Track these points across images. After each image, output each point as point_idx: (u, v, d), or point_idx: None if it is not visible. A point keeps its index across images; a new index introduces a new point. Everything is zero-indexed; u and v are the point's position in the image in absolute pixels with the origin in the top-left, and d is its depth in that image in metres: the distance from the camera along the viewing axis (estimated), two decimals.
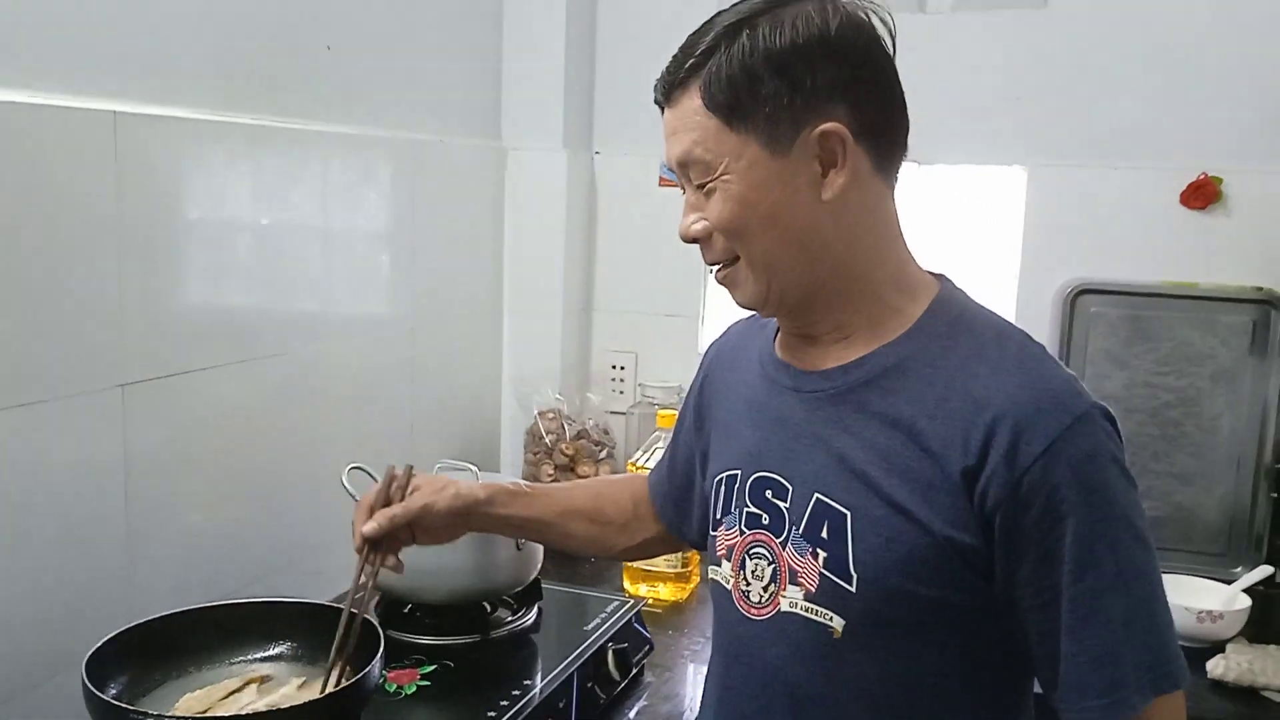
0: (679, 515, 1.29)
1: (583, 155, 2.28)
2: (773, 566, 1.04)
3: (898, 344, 1.00)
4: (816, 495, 1.00)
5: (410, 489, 1.23)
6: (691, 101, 0.98)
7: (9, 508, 1.22)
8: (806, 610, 1.00)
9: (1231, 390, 1.95)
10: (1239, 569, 1.89)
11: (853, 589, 0.97)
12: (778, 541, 1.03)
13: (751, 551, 1.06)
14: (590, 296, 2.35)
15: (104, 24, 1.31)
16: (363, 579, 1.19)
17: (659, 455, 1.86)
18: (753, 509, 1.06)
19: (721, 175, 0.98)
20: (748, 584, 1.06)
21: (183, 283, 1.45)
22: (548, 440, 2.15)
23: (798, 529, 1.01)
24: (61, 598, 1.28)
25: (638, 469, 1.85)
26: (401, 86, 1.91)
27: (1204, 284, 1.96)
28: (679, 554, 1.79)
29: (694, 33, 1.00)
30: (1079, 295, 2.01)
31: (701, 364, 1.27)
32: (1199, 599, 1.70)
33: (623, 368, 2.34)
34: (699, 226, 1.01)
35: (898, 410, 0.97)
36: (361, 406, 1.82)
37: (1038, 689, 1.02)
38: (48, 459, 1.26)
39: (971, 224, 2.13)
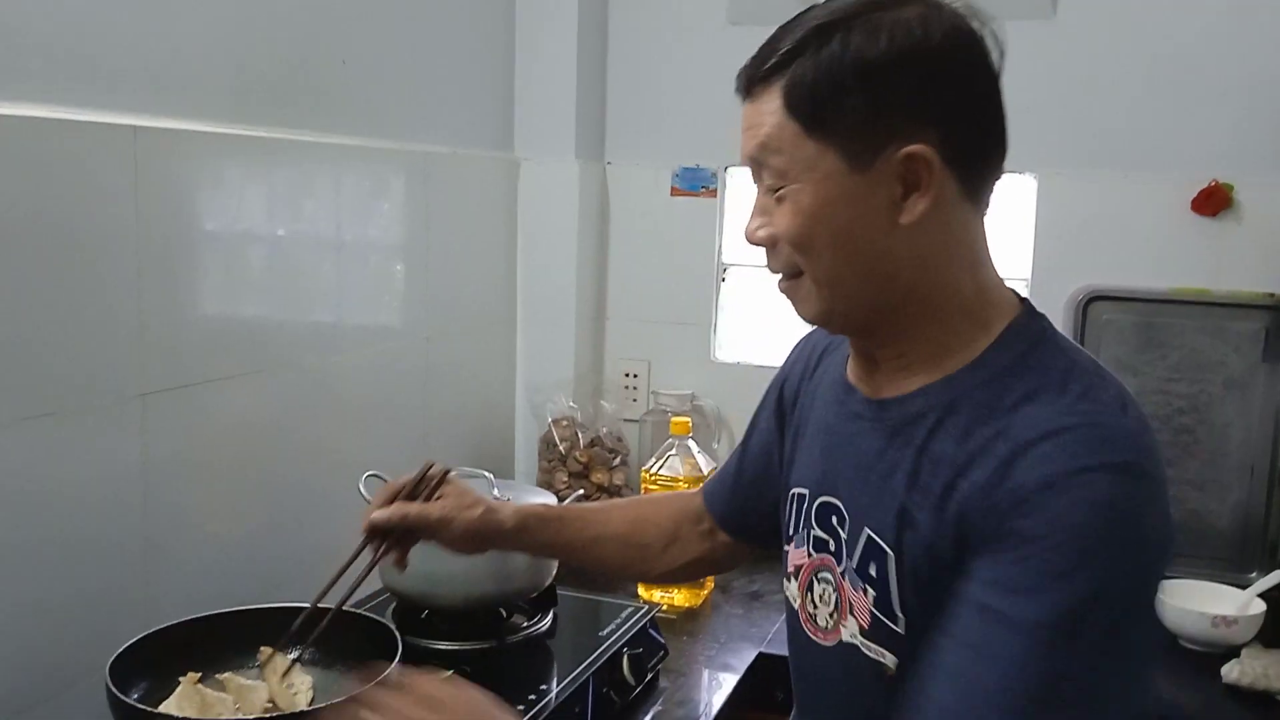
0: (745, 524, 1.25)
1: (595, 165, 2.30)
2: (836, 595, 1.01)
3: (957, 378, 0.93)
4: (867, 531, 0.96)
5: (439, 494, 1.20)
6: (772, 101, 0.91)
7: (30, 517, 1.24)
8: (865, 646, 0.97)
9: (1243, 397, 1.95)
10: (1254, 574, 1.89)
11: (901, 630, 0.93)
12: (839, 570, 1.00)
13: (819, 575, 1.03)
14: (603, 305, 2.37)
15: (124, 41, 1.33)
16: (356, 564, 1.17)
17: (673, 462, 1.88)
18: (819, 533, 1.03)
19: (794, 184, 0.92)
20: (815, 607, 1.04)
21: (201, 294, 1.47)
22: (561, 448, 2.16)
23: (852, 562, 0.98)
24: (81, 606, 1.30)
25: (651, 477, 1.87)
26: (414, 99, 1.93)
27: (1215, 291, 1.96)
28: None
29: (784, 25, 0.93)
30: (1090, 302, 2.01)
31: (784, 363, 1.21)
32: (1213, 604, 1.70)
33: (636, 375, 2.35)
34: (764, 233, 0.96)
35: (944, 450, 0.90)
36: (377, 415, 1.84)
37: None
38: (68, 469, 1.27)
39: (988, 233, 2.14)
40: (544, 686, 1.41)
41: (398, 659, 1.17)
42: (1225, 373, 1.96)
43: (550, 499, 1.62)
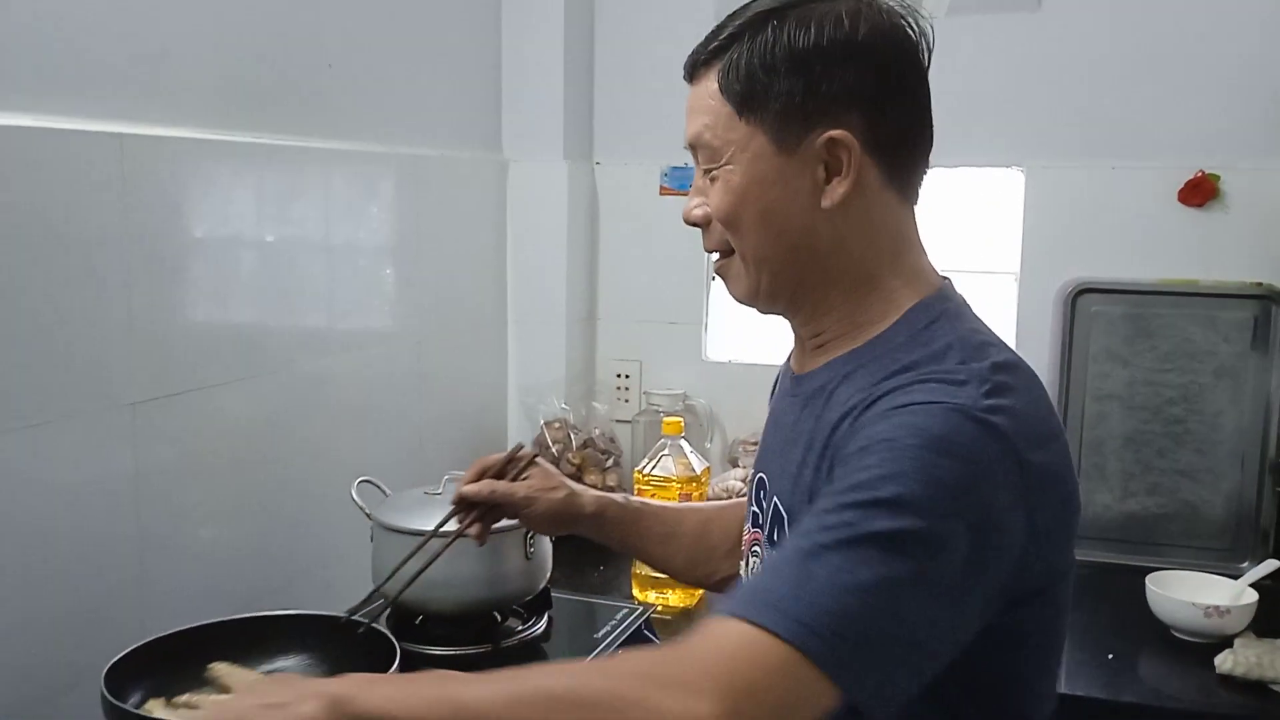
0: None
1: (583, 166, 2.30)
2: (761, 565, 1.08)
3: (859, 351, 0.98)
4: (775, 499, 1.03)
5: (525, 475, 1.26)
6: (710, 84, 0.98)
7: (23, 527, 1.23)
8: None
9: (1234, 386, 1.96)
10: (1245, 564, 1.89)
11: None
12: (764, 540, 1.07)
13: (753, 549, 1.10)
14: (594, 306, 2.37)
15: (108, 49, 1.32)
16: (445, 528, 1.24)
17: (666, 462, 1.88)
18: (755, 508, 1.10)
19: (725, 163, 0.97)
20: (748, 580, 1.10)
21: (190, 301, 1.47)
22: (554, 450, 2.16)
23: (764, 532, 1.05)
24: (76, 614, 1.30)
25: (644, 478, 1.86)
26: (402, 102, 1.93)
27: (1204, 281, 1.97)
28: None
29: (730, 14, 0.99)
30: (1080, 295, 2.02)
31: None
32: (1206, 595, 1.71)
33: (627, 376, 2.35)
34: (699, 212, 1.02)
35: (833, 415, 0.94)
36: (369, 419, 1.84)
37: None
38: (60, 478, 1.27)
39: (971, 227, 2.14)
40: None
41: (395, 666, 1.16)
42: (1215, 362, 1.96)
43: None
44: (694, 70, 1.01)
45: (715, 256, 1.05)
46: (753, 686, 0.76)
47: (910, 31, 0.96)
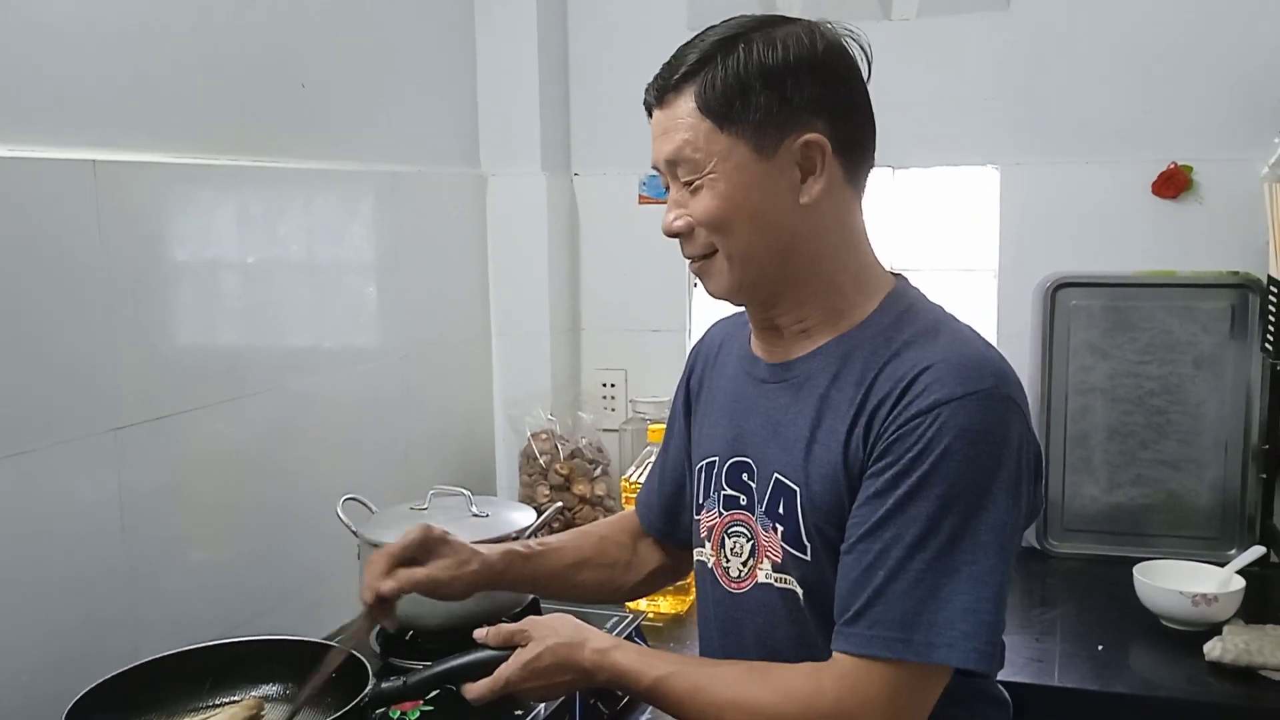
0: (669, 521, 1.34)
1: (562, 177, 2.30)
2: (751, 543, 1.13)
3: (849, 336, 1.09)
4: (775, 474, 1.10)
5: (435, 553, 1.22)
6: (685, 105, 1.06)
7: (9, 554, 1.23)
8: (777, 580, 1.10)
9: (1214, 375, 1.97)
10: (1232, 551, 1.91)
11: (807, 558, 1.07)
12: (753, 519, 1.13)
13: (730, 530, 1.16)
14: (577, 316, 2.37)
15: (79, 76, 1.33)
16: (360, 628, 1.21)
17: None
18: (730, 491, 1.16)
19: (709, 173, 1.06)
20: (727, 560, 1.16)
21: (172, 325, 1.47)
22: (542, 461, 2.16)
23: (762, 506, 1.11)
24: (65, 640, 1.30)
25: (632, 485, 1.87)
26: (378, 120, 1.93)
27: (1181, 272, 1.98)
28: None
29: (686, 44, 1.08)
30: (1059, 289, 2.03)
31: (686, 364, 1.33)
32: (1193, 583, 1.72)
33: (613, 385, 2.36)
34: (681, 223, 1.09)
35: (844, 394, 1.06)
36: (356, 437, 1.84)
37: None
38: (45, 505, 1.27)
39: (949, 225, 2.16)
40: (531, 702, 1.41)
41: (368, 689, 1.15)
42: (1195, 352, 1.98)
43: (530, 515, 1.63)
44: (662, 95, 1.08)
45: (691, 261, 1.12)
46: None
47: (853, 47, 1.09)
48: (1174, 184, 1.97)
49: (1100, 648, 1.66)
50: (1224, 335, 1.96)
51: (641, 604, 1.83)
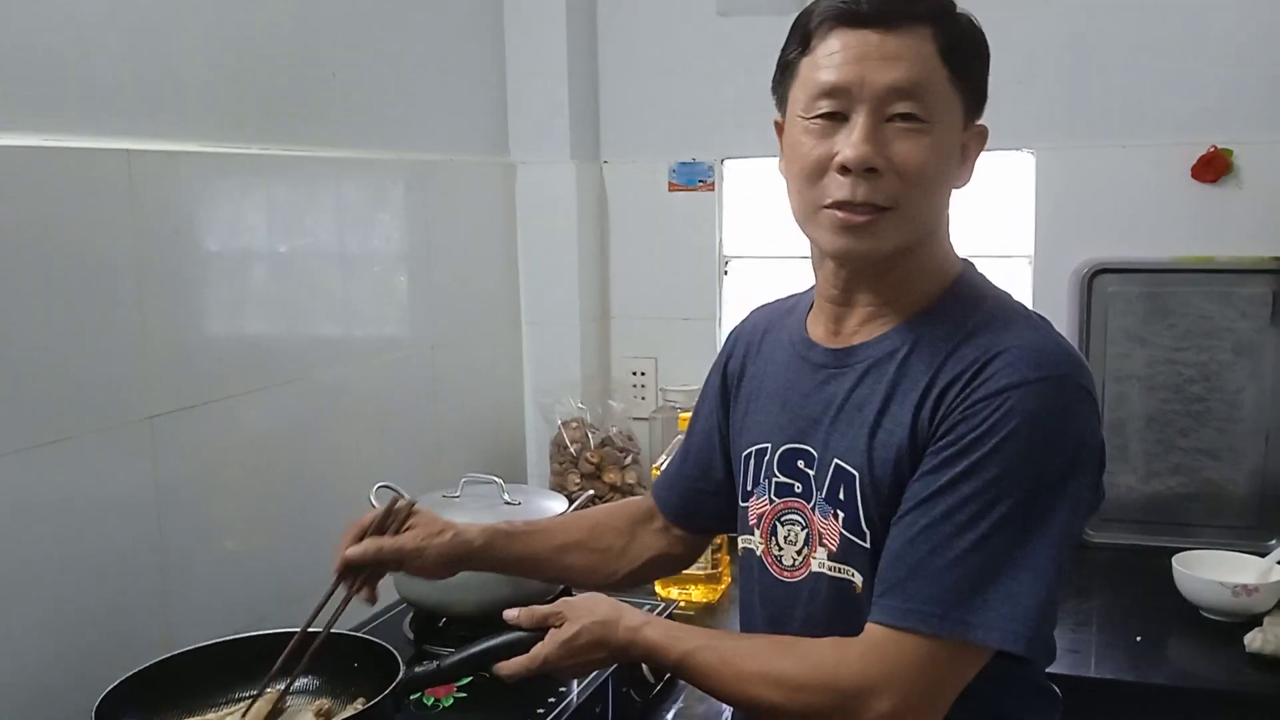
0: (687, 505, 1.32)
1: (591, 165, 2.30)
2: (806, 531, 1.10)
3: (917, 320, 1.07)
4: (836, 461, 1.07)
5: (408, 526, 1.23)
6: (923, 41, 1.01)
7: (45, 544, 1.24)
8: (832, 569, 1.08)
9: (1253, 362, 1.94)
10: (1272, 541, 1.88)
11: (867, 545, 1.04)
12: (809, 507, 1.10)
13: (783, 518, 1.13)
14: (606, 305, 2.37)
15: (114, 67, 1.33)
16: (331, 601, 1.18)
17: None
18: (783, 479, 1.13)
19: (934, 121, 1.01)
20: (780, 549, 1.13)
21: (204, 314, 1.47)
22: (572, 450, 2.16)
23: (821, 494, 1.08)
24: (100, 629, 1.31)
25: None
26: (408, 108, 1.93)
27: (1220, 257, 1.95)
28: (709, 555, 1.80)
29: None
30: (1095, 275, 2.00)
31: (724, 349, 1.30)
32: (1234, 573, 1.69)
33: (643, 373, 2.35)
34: (880, 160, 1.00)
35: (914, 378, 1.03)
36: (386, 426, 1.84)
37: None
38: (81, 494, 1.28)
39: (984, 210, 2.13)
40: (563, 688, 1.41)
41: (401, 675, 1.15)
42: (1234, 338, 1.95)
43: (562, 503, 1.62)
44: (891, 18, 1.00)
45: (861, 210, 1.01)
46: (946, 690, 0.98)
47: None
48: (1214, 168, 1.94)
49: (1139, 638, 1.65)
50: (1264, 321, 1.93)
51: (673, 592, 1.83)
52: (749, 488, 1.17)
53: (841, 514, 1.06)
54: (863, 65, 0.99)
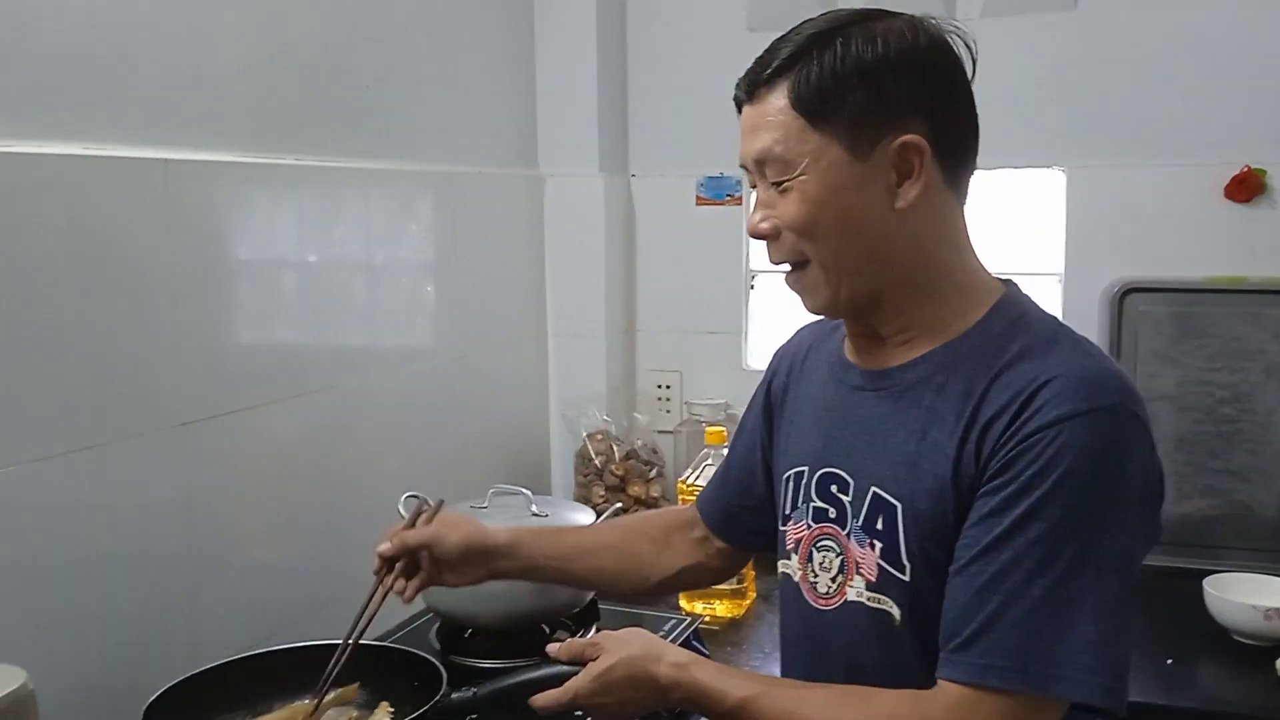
0: (728, 522, 1.32)
1: (619, 179, 2.30)
2: (840, 558, 1.08)
3: (956, 344, 1.03)
4: (873, 489, 1.04)
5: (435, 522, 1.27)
6: (777, 101, 1.01)
7: (77, 549, 1.25)
8: (870, 600, 1.04)
9: None
10: None
11: (906, 578, 1.01)
12: (843, 534, 1.07)
13: (819, 544, 1.10)
14: (633, 317, 2.37)
15: (153, 78, 1.35)
16: (372, 601, 1.23)
17: (709, 472, 1.87)
18: (819, 503, 1.10)
19: (800, 174, 1.01)
20: (815, 575, 1.11)
21: (236, 322, 1.49)
22: (597, 462, 2.16)
23: (858, 521, 1.05)
24: (129, 634, 1.31)
25: (687, 487, 1.86)
26: (438, 120, 1.94)
27: (1252, 277, 1.93)
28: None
29: (780, 38, 1.04)
30: (1126, 294, 1.99)
31: (769, 367, 1.29)
32: (1265, 596, 1.67)
33: (668, 387, 2.35)
34: (768, 225, 1.04)
35: (950, 405, 1.00)
36: (412, 435, 1.85)
37: None
38: (113, 500, 1.29)
39: (1013, 228, 2.12)
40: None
41: (439, 695, 1.15)
42: (1265, 360, 1.93)
43: (590, 516, 1.62)
44: (753, 91, 1.03)
45: (786, 272, 1.07)
46: None
47: (958, 43, 1.03)
48: (1247, 187, 1.92)
49: (1169, 661, 1.63)
50: None
51: (698, 607, 1.83)
52: (788, 511, 1.15)
53: (879, 544, 1.03)
54: (743, 142, 1.05)
